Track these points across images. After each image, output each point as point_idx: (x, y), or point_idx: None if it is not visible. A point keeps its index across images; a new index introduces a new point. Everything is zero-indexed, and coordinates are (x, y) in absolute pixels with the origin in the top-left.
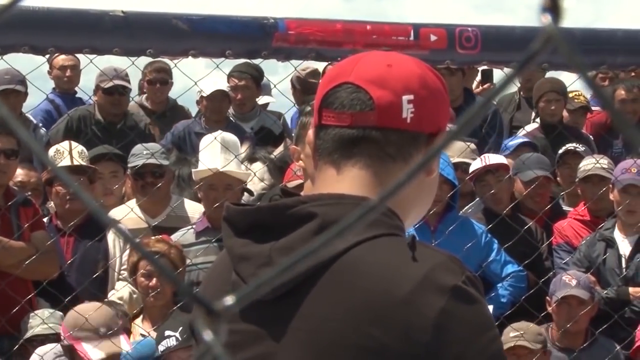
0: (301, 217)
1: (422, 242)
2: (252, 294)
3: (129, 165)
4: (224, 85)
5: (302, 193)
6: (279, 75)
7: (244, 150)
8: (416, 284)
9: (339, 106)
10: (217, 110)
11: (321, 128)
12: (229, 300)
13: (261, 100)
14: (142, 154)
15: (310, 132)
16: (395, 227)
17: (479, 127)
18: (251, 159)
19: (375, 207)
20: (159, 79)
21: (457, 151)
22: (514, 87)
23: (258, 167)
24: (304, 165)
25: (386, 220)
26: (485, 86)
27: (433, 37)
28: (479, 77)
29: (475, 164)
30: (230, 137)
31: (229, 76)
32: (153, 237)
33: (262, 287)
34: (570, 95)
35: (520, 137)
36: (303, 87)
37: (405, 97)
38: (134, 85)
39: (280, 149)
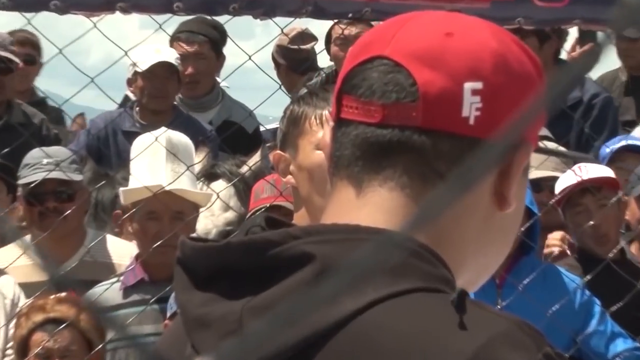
0: (290, 260)
1: (477, 301)
2: None
3: (20, 182)
4: (170, 55)
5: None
6: (256, 39)
7: (199, 160)
8: None
9: (366, 92)
10: (159, 94)
11: (340, 125)
12: None
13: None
14: (41, 164)
15: (327, 131)
16: (439, 279)
17: (574, 124)
18: (209, 174)
19: (397, 243)
20: (23, 57)
21: (535, 161)
22: (617, 61)
23: (220, 186)
24: (294, 182)
25: (424, 268)
26: (585, 47)
27: None
28: (573, 35)
29: (566, 180)
30: (180, 137)
31: (173, 39)
32: (53, 296)
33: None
34: None
35: (627, 137)
36: (290, 62)
37: (468, 85)
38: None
39: (257, 158)
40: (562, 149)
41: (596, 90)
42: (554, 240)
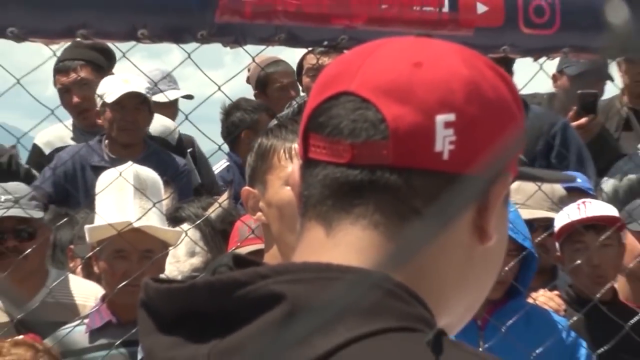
0: (259, 301)
1: (455, 341)
2: None
3: None
4: (140, 85)
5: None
6: (226, 68)
7: (166, 197)
8: None
9: (333, 131)
10: (129, 126)
11: (308, 164)
12: None
13: (161, 96)
14: (0, 201)
15: (296, 168)
16: (415, 318)
17: (537, 155)
18: (173, 218)
19: (372, 282)
20: None
21: (534, 196)
22: (613, 89)
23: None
24: (265, 219)
25: (399, 307)
26: (583, 121)
27: (482, 8)
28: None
29: (568, 215)
30: (148, 173)
31: (56, 72)
32: (9, 340)
33: None
34: None
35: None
36: (265, 88)
37: (440, 118)
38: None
39: (224, 199)
40: (540, 172)
41: (551, 118)
42: (544, 298)
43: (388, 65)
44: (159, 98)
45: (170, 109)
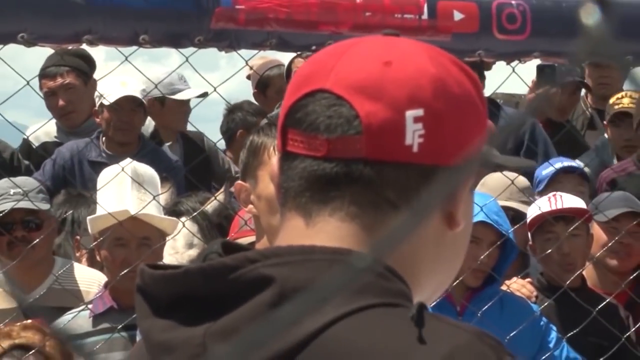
0: (250, 284)
1: (435, 314)
2: None
3: None
4: (136, 89)
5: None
6: (221, 71)
7: (164, 191)
8: None
9: (309, 126)
10: (125, 126)
11: (286, 157)
12: None
13: (183, 95)
14: (9, 194)
15: (275, 161)
16: (396, 294)
17: (513, 151)
18: (172, 212)
19: (364, 269)
20: None
21: (497, 188)
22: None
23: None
24: (256, 211)
25: (381, 284)
26: (541, 91)
27: (458, 16)
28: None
29: (539, 207)
30: (146, 169)
31: (42, 77)
32: (18, 324)
33: None
34: None
35: (562, 160)
36: (265, 89)
37: (410, 113)
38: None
39: (221, 195)
40: (505, 159)
41: (521, 118)
42: (517, 285)
43: (360, 64)
44: (178, 96)
45: (184, 107)
